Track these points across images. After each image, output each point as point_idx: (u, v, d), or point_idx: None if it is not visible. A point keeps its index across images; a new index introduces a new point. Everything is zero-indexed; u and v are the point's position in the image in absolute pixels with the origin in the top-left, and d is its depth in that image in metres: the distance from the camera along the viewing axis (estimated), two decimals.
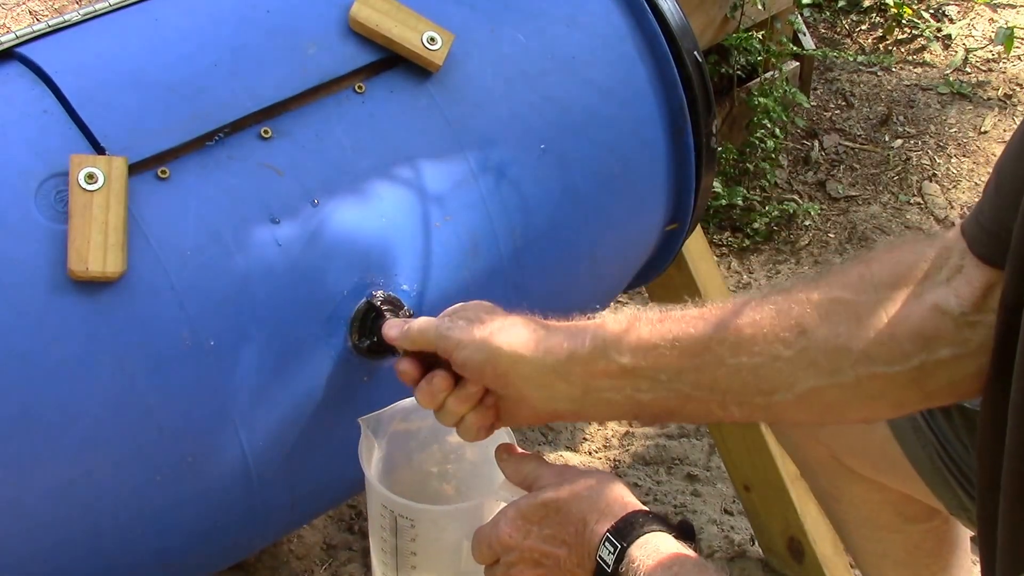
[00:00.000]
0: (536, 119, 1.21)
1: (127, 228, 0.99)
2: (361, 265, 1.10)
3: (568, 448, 1.99)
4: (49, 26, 1.10)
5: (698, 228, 1.50)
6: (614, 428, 2.05)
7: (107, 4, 1.14)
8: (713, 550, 1.77)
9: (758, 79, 2.48)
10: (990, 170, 2.71)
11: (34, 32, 1.09)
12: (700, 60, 1.30)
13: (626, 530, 0.92)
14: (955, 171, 2.63)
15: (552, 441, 1.99)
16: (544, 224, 1.23)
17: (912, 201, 2.57)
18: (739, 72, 2.41)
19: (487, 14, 1.22)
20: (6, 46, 1.07)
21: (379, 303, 1.09)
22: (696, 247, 1.53)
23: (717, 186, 2.41)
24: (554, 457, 1.94)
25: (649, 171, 1.33)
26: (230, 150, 1.06)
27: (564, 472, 0.98)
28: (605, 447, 2.01)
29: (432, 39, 1.14)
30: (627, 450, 1.99)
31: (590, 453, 1.99)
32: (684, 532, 0.94)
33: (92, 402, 0.99)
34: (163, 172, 1.03)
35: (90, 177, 0.98)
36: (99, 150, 1.01)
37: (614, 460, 1.97)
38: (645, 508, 0.95)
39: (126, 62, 1.09)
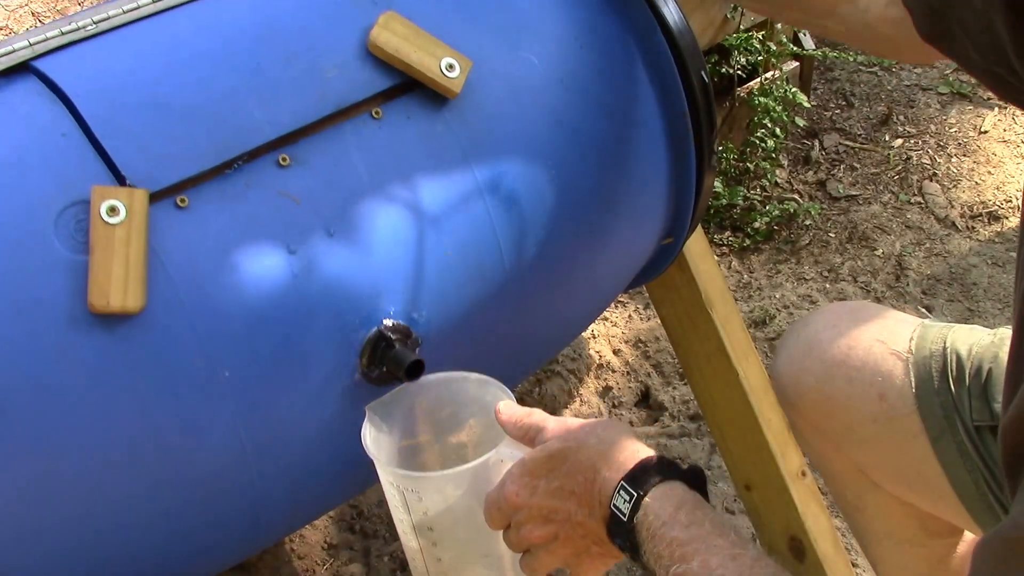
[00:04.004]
0: (547, 145, 1.21)
1: (147, 262, 0.98)
2: (373, 294, 1.10)
3: None
4: (62, 32, 1.08)
5: (699, 228, 1.50)
6: None
7: (119, 9, 1.12)
8: None
9: (758, 79, 2.49)
10: (990, 169, 2.70)
11: (46, 39, 1.07)
12: (706, 80, 1.29)
13: (642, 478, 0.89)
14: (955, 171, 2.63)
15: None
16: (549, 248, 1.24)
17: (913, 200, 2.57)
18: (739, 72, 2.42)
19: (504, 36, 1.20)
20: (22, 59, 1.04)
21: (389, 332, 1.09)
22: (697, 247, 1.54)
23: (718, 186, 2.41)
24: None
25: (650, 189, 1.33)
26: (248, 178, 1.04)
27: (568, 422, 0.95)
28: None
29: (451, 66, 1.13)
30: None
31: None
32: (695, 479, 0.91)
33: (108, 433, 0.99)
34: (182, 201, 1.01)
35: (112, 210, 0.96)
36: (119, 178, 0.99)
37: None
38: (656, 455, 0.91)
39: (145, 84, 1.06)
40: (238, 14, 1.13)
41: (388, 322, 1.10)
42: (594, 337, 2.16)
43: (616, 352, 2.16)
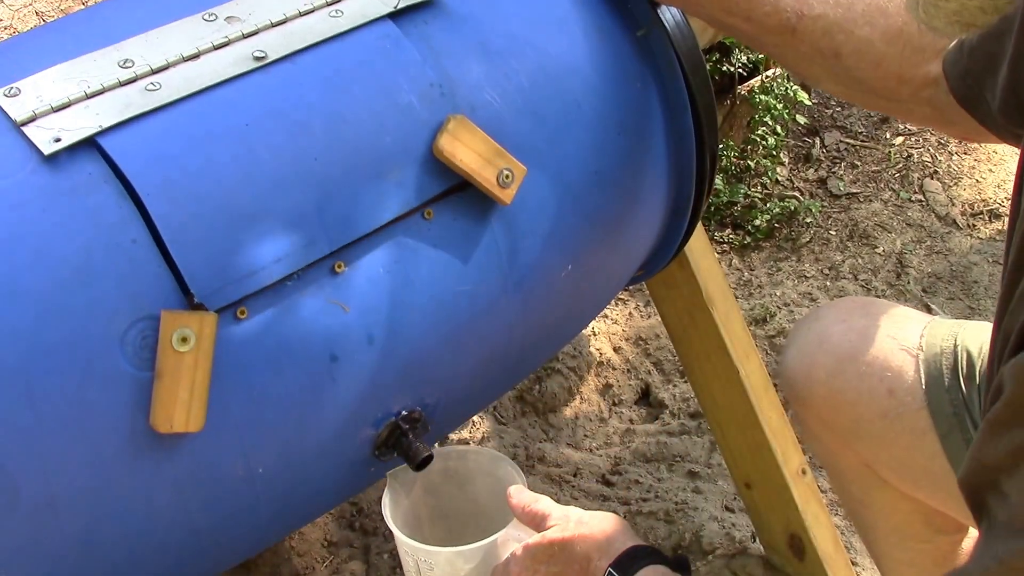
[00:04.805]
0: (574, 239, 1.23)
1: (209, 383, 0.98)
2: (398, 390, 1.14)
3: (569, 445, 1.99)
4: (120, 82, 1.01)
5: (700, 225, 1.50)
6: (615, 425, 2.05)
7: (179, 55, 1.04)
8: (714, 547, 1.77)
9: (759, 77, 2.49)
10: (991, 167, 2.69)
11: (103, 89, 1.00)
12: (716, 154, 1.33)
13: (627, 563, 1.01)
14: (956, 168, 2.63)
15: (554, 439, 1.99)
16: (554, 321, 1.30)
17: (913, 198, 2.57)
18: (740, 70, 2.42)
19: (555, 130, 1.19)
20: (86, 132, 0.98)
21: (403, 423, 1.15)
22: (697, 244, 1.53)
23: (719, 183, 2.41)
24: (556, 455, 1.94)
25: (644, 249, 1.40)
26: (304, 286, 1.04)
27: (569, 513, 1.09)
28: (607, 444, 2.01)
29: (508, 176, 1.12)
30: (628, 447, 1.99)
31: (591, 450, 1.99)
32: (680, 565, 1.03)
33: (148, 530, 1.02)
34: (241, 312, 1.00)
35: (183, 340, 0.95)
36: (188, 294, 0.97)
37: (615, 457, 1.97)
38: (644, 544, 1.03)
39: (215, 183, 1.01)
40: (309, 98, 1.07)
41: (403, 412, 1.15)
42: (594, 335, 2.16)
43: (616, 349, 2.16)
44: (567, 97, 1.20)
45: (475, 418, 1.94)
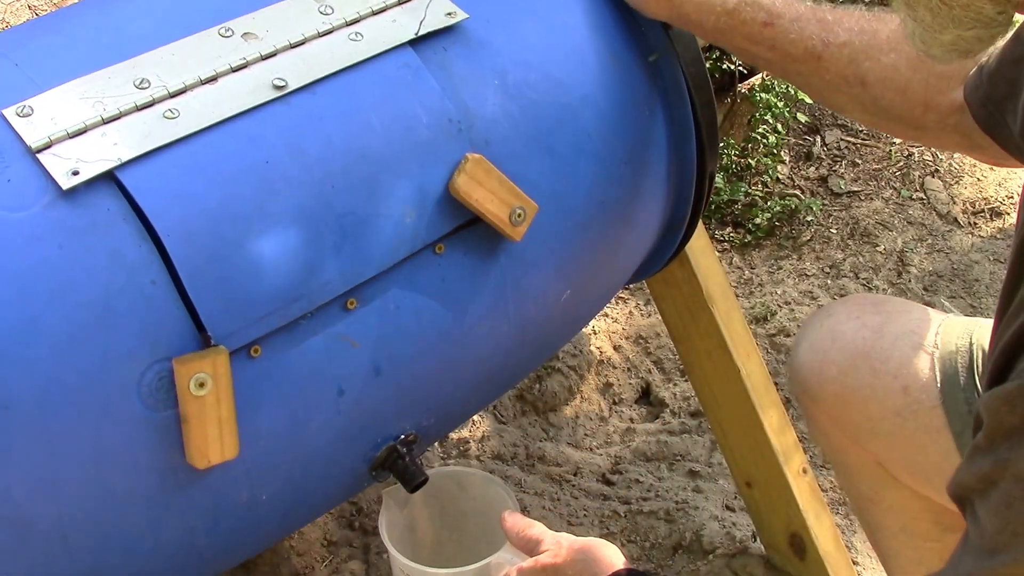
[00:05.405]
0: (574, 267, 1.24)
1: (235, 410, 0.99)
2: (399, 417, 1.15)
3: (570, 444, 1.99)
4: (137, 106, 0.99)
5: (700, 224, 1.50)
6: (616, 424, 2.05)
7: (196, 77, 1.02)
8: (715, 546, 1.77)
9: (760, 75, 2.48)
10: (993, 165, 2.70)
11: (120, 114, 0.98)
12: (714, 174, 1.35)
13: None
14: (957, 166, 2.62)
15: (554, 438, 1.99)
16: (549, 337, 1.32)
17: (915, 196, 2.56)
18: (741, 68, 2.41)
19: (564, 161, 1.19)
20: (107, 167, 0.95)
21: (400, 446, 1.17)
22: (698, 243, 1.53)
23: (719, 182, 2.41)
24: (556, 454, 1.94)
25: (638, 261, 1.43)
26: (317, 323, 1.04)
27: (562, 539, 1.12)
28: (607, 443, 2.01)
29: (520, 215, 1.12)
30: (628, 446, 1.98)
31: (591, 449, 1.99)
32: None
33: (154, 554, 1.04)
34: (255, 350, 1.01)
35: (200, 385, 0.95)
36: (204, 337, 0.97)
37: (615, 456, 1.96)
38: (632, 567, 1.07)
39: (236, 224, 0.99)
40: (329, 133, 1.06)
41: (401, 436, 1.17)
42: (595, 333, 2.16)
43: (617, 348, 2.16)
44: (579, 129, 1.20)
45: (475, 417, 1.93)
